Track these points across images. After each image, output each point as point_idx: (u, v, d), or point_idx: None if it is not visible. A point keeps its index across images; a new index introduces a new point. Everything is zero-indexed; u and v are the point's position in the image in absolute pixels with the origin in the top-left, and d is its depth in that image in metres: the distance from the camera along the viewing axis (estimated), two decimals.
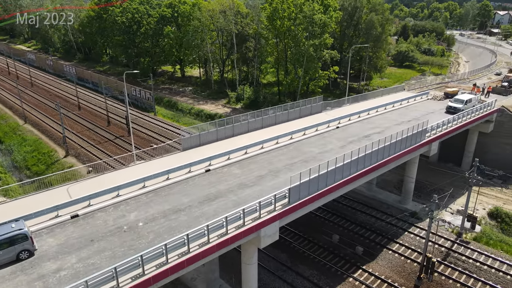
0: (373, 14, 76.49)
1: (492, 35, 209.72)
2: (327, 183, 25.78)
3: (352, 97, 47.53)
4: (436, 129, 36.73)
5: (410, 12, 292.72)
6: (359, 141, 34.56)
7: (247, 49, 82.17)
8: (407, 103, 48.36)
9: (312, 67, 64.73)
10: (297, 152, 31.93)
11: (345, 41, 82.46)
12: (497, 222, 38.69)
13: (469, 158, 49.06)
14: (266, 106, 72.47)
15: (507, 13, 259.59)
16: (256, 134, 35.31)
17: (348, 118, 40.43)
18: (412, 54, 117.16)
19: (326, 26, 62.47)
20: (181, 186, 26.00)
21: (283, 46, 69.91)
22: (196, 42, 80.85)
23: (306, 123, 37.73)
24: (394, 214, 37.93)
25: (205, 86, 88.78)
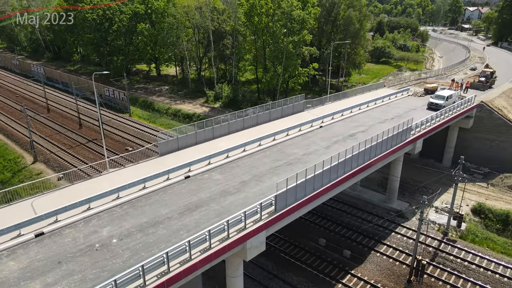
0: (351, 10, 76.05)
1: (463, 30, 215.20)
2: (315, 187, 24.53)
3: (333, 95, 46.60)
4: (420, 127, 36.17)
5: (384, 8, 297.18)
6: (344, 141, 33.54)
7: (224, 47, 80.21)
8: (388, 100, 47.85)
9: (292, 64, 63.55)
10: (281, 154, 30.54)
11: (323, 38, 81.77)
12: (480, 218, 38.63)
13: (450, 154, 49.16)
14: (245, 104, 71.16)
15: (476, 9, 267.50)
16: (237, 136, 33.70)
17: (331, 117, 39.39)
18: (388, 50, 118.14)
19: (305, 22, 61.38)
20: (159, 195, 24.12)
21: (262, 43, 68.36)
22: (172, 39, 78.23)
23: (288, 123, 36.42)
24: (380, 214, 37.26)
25: (182, 85, 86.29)
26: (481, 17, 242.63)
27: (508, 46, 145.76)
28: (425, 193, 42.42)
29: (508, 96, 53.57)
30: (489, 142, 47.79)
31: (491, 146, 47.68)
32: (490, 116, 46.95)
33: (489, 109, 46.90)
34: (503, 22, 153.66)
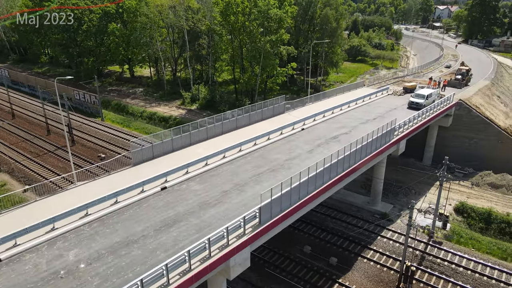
0: (328, 8, 75.48)
1: (435, 29, 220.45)
2: (300, 196, 23.19)
3: (314, 96, 45.55)
4: (403, 127, 35.53)
5: (358, 7, 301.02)
6: (327, 144, 32.43)
7: (200, 47, 78.07)
8: (369, 99, 47.24)
9: (270, 64, 62.22)
10: (263, 160, 29.07)
11: (300, 37, 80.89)
12: (463, 217, 38.45)
13: (430, 153, 49.10)
14: (223, 106, 69.37)
15: (446, 8, 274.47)
16: (216, 141, 32.00)
17: (313, 119, 38.26)
18: (364, 49, 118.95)
19: (282, 21, 60.13)
20: (133, 210, 22.16)
21: (238, 43, 66.69)
22: (145, 39, 75.45)
23: (269, 126, 35.01)
24: (365, 217, 36.43)
25: (157, 86, 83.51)
26: (450, 16, 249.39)
27: (478, 44, 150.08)
28: (408, 193, 42.06)
29: (484, 94, 54.14)
30: (467, 140, 48.00)
31: (470, 144, 47.91)
32: (468, 114, 47.12)
33: (468, 107, 47.07)
34: (472, 20, 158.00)
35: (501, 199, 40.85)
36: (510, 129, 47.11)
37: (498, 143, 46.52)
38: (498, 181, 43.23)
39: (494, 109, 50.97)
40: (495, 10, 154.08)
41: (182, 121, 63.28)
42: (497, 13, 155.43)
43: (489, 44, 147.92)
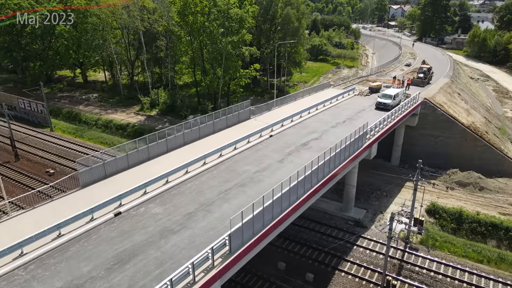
0: (289, 8, 74.09)
1: (390, 27, 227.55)
2: (274, 215, 20.89)
3: (280, 99, 43.53)
4: (374, 130, 34.24)
5: (316, 7, 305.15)
6: (298, 151, 30.41)
7: (158, 49, 74.15)
8: (336, 101, 45.94)
9: (232, 66, 59.67)
10: (230, 174, 26.51)
11: (262, 37, 79.01)
12: (435, 218, 37.91)
13: (398, 153, 48.67)
14: (184, 110, 65.97)
15: (399, 7, 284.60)
16: (178, 154, 29.03)
17: (280, 124, 36.17)
18: (325, 48, 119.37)
19: (243, 21, 57.78)
20: (79, 244, 18.87)
21: (198, 44, 63.59)
22: (97, 42, 70.44)
23: (235, 134, 32.50)
24: (339, 225, 34.85)
25: (113, 91, 78.40)
26: (404, 15, 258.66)
27: (431, 42, 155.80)
28: (380, 196, 41.10)
29: (446, 92, 54.66)
30: (433, 139, 47.99)
31: (436, 142, 47.93)
32: (433, 113, 47.07)
33: (433, 106, 47.01)
34: (425, 19, 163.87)
35: (470, 198, 40.86)
36: (473, 127, 47.58)
37: (463, 141, 46.81)
38: (465, 179, 43.32)
39: (456, 107, 51.47)
40: (446, 9, 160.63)
41: (141, 128, 59.40)
42: (448, 12, 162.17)
43: (441, 42, 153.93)
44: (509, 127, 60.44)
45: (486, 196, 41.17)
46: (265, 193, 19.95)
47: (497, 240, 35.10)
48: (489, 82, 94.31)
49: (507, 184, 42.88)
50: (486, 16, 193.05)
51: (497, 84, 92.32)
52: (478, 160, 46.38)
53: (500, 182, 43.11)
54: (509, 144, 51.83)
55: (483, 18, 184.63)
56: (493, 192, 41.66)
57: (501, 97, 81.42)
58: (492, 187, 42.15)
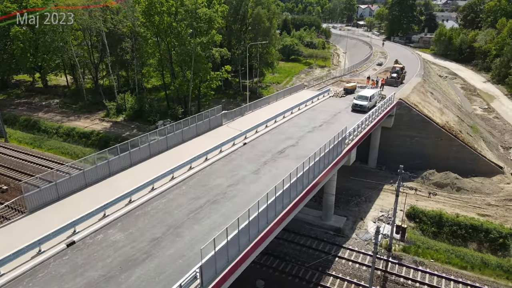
0: (260, 7, 72.21)
1: (359, 27, 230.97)
2: (250, 237, 18.76)
3: (253, 103, 41.42)
4: (353, 134, 32.75)
5: (286, 6, 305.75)
6: (275, 160, 28.42)
7: (123, 51, 70.37)
8: (311, 103, 44.38)
9: (202, 68, 57.07)
10: (201, 189, 24.13)
11: (233, 37, 76.75)
12: (415, 222, 36.98)
13: (375, 154, 47.80)
14: (153, 115, 62.71)
15: (367, 7, 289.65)
16: (143, 169, 26.34)
17: (255, 130, 34.06)
18: (297, 48, 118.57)
19: (212, 22, 55.29)
20: (23, 286, 15.98)
21: (166, 46, 60.58)
22: (57, 44, 65.91)
23: (206, 143, 30.12)
24: (319, 236, 33.16)
25: (77, 97, 73.84)
26: (372, 14, 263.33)
27: (399, 41, 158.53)
28: (359, 201, 39.81)
29: (419, 91, 54.39)
30: (409, 139, 47.38)
31: (412, 143, 47.35)
32: (409, 113, 46.44)
33: (408, 106, 46.36)
34: (393, 18, 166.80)
35: (448, 199, 40.30)
36: (448, 126, 47.33)
37: (438, 141, 46.43)
38: (442, 180, 42.84)
39: (430, 106, 51.19)
40: (412, 9, 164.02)
41: (107, 136, 55.81)
42: (414, 11, 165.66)
43: (409, 41, 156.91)
44: (480, 125, 61.12)
45: (463, 196, 40.76)
46: (240, 214, 17.75)
47: (478, 242, 34.52)
48: (457, 80, 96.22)
49: (483, 183, 42.74)
50: (449, 15, 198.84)
51: (464, 82, 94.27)
52: (453, 160, 46.17)
53: (476, 182, 42.90)
54: (482, 143, 52.10)
55: (447, 17, 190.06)
56: (470, 193, 41.34)
57: (469, 94, 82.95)
58: (469, 187, 41.84)
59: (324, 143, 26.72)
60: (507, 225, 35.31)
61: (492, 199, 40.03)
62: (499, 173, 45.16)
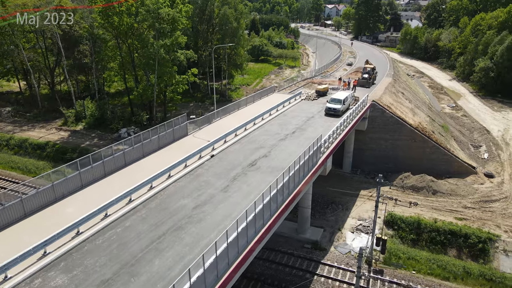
0: (226, 7, 69.53)
1: (327, 26, 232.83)
2: (219, 272, 16.19)
3: (222, 109, 38.71)
4: (328, 141, 30.80)
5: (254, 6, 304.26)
6: (245, 174, 25.95)
7: (81, 54, 65.67)
8: (283, 107, 42.26)
9: (167, 71, 53.75)
10: (163, 213, 21.29)
11: (199, 39, 73.66)
12: (394, 230, 35.66)
13: (349, 159, 46.36)
14: (116, 123, 58.71)
15: (334, 7, 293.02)
16: (94, 192, 23.12)
17: (223, 140, 31.42)
18: (266, 48, 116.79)
19: (176, 22, 52.14)
20: None
21: (127, 48, 56.83)
22: (6, 47, 60.49)
23: (170, 157, 27.24)
24: (295, 251, 31.02)
25: (31, 104, 68.30)
26: (339, 14, 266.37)
27: (367, 40, 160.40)
28: (335, 209, 38.10)
29: (391, 92, 53.59)
30: (383, 142, 46.28)
31: (386, 145, 46.27)
32: (382, 115, 45.30)
33: (381, 108, 45.21)
34: (359, 17, 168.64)
35: (425, 203, 39.31)
36: (421, 127, 46.61)
37: (412, 142, 45.58)
38: (418, 183, 41.89)
39: (402, 107, 50.43)
40: (378, 8, 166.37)
41: (64, 147, 51.51)
42: (380, 11, 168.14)
43: (376, 40, 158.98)
44: (450, 124, 61.30)
45: (440, 200, 39.93)
46: (206, 250, 15.14)
47: (457, 248, 33.55)
48: (424, 79, 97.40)
49: (458, 185, 42.16)
50: (413, 14, 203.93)
51: (431, 80, 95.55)
52: (427, 161, 45.48)
53: (451, 184, 42.25)
54: (453, 142, 51.91)
55: (411, 17, 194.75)
56: (446, 195, 40.58)
57: (437, 93, 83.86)
58: (445, 189, 41.09)
59: (298, 152, 24.63)
60: (484, 228, 34.60)
61: (468, 201, 39.41)
62: (472, 173, 44.85)
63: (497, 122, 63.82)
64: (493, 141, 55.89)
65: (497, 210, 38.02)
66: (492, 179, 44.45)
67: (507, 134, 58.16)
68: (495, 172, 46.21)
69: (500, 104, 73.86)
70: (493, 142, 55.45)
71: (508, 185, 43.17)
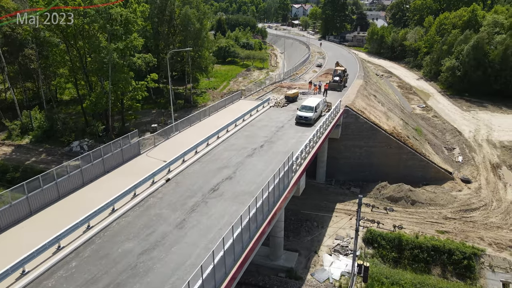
0: (187, 7, 65.07)
1: (294, 26, 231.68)
2: None
3: (180, 121, 34.37)
4: (301, 157, 27.34)
5: (220, 6, 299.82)
6: (206, 203, 22.00)
7: (27, 59, 59.25)
8: (250, 116, 38.56)
9: (122, 78, 48.82)
10: (98, 264, 16.98)
11: (160, 41, 68.74)
12: (374, 248, 32.84)
13: (323, 169, 43.38)
14: (68, 135, 53.07)
15: (301, 7, 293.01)
16: (11, 238, 18.44)
17: (181, 160, 27.29)
18: (233, 49, 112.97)
19: (131, 24, 47.31)
20: None
21: (78, 53, 51.34)
22: None
23: (116, 184, 22.89)
24: (268, 282, 27.36)
25: None
26: (306, 14, 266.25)
27: (334, 39, 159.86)
28: (310, 228, 34.87)
29: (363, 95, 51.17)
30: (358, 149, 43.64)
31: (361, 153, 43.66)
32: (356, 121, 42.62)
33: (355, 114, 42.51)
34: (326, 17, 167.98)
35: (404, 215, 36.87)
36: (396, 132, 44.34)
37: (388, 149, 43.20)
38: (396, 193, 39.43)
39: (376, 111, 48.07)
40: (344, 8, 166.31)
41: (5, 165, 45.62)
42: (346, 10, 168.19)
43: (343, 39, 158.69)
44: (423, 126, 59.87)
45: (419, 211, 37.60)
46: None
47: (441, 266, 31.20)
48: (392, 78, 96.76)
49: (436, 193, 40.06)
50: (378, 14, 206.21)
51: (400, 80, 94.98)
52: (404, 168, 43.28)
53: (429, 192, 40.09)
54: (428, 146, 50.16)
55: (376, 16, 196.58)
56: (425, 205, 38.32)
57: (406, 93, 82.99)
58: (423, 199, 38.84)
59: (267, 172, 21.39)
60: (468, 242, 32.42)
61: (448, 211, 37.30)
62: (449, 179, 43.03)
63: (467, 123, 63.09)
64: (465, 143, 54.73)
65: (479, 220, 36.10)
66: (470, 185, 42.78)
67: (479, 135, 57.28)
68: (471, 176, 44.63)
69: (469, 104, 73.64)
70: (466, 144, 54.27)
71: (486, 190, 41.60)
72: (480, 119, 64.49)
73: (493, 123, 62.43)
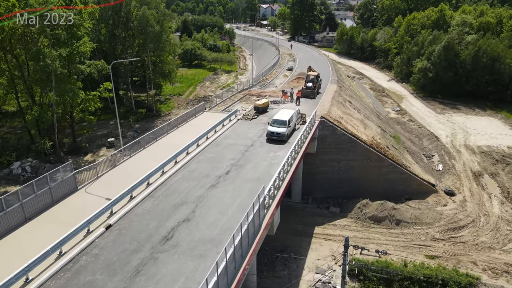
0: (145, 8, 59.34)
1: (263, 27, 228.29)
2: None
3: (132, 144, 29.02)
4: (274, 186, 22.83)
5: (187, 6, 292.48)
6: (155, 261, 17.09)
7: None
8: (214, 133, 33.77)
9: (68, 89, 42.70)
10: None
11: (118, 45, 62.64)
12: (359, 281, 28.95)
13: (298, 186, 39.21)
14: (8, 155, 46.33)
15: (269, 7, 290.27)
16: None
17: (128, 196, 22.17)
18: (200, 52, 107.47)
19: (76, 27, 41.34)
20: None
21: (15, 60, 44.72)
22: None
23: (39, 238, 17.56)
24: None
25: None
26: (274, 14, 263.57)
27: (303, 40, 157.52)
28: (286, 260, 30.58)
29: (338, 102, 47.57)
30: (336, 164, 39.88)
31: (339, 167, 39.94)
32: (334, 133, 38.83)
33: (332, 125, 38.70)
34: (295, 17, 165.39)
35: (390, 238, 33.32)
36: (375, 143, 40.95)
37: (368, 162, 39.72)
38: (379, 212, 35.90)
39: (353, 120, 44.58)
40: (312, 8, 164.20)
41: None
42: (314, 11, 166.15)
43: (313, 40, 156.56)
44: (399, 132, 57.19)
45: (405, 232, 34.18)
46: None
47: None
48: (364, 80, 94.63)
49: (421, 209, 36.86)
50: (346, 14, 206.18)
51: (372, 82, 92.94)
52: (384, 182, 39.96)
53: (413, 208, 36.86)
54: (407, 155, 47.23)
55: (344, 16, 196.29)
56: (411, 225, 34.97)
57: (379, 95, 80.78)
58: (408, 217, 35.49)
59: (234, 207, 17.20)
60: (461, 269, 29.22)
61: (435, 231, 34.10)
62: (433, 192, 40.09)
63: (443, 126, 61.15)
64: (444, 149, 52.40)
65: (468, 239, 33.10)
66: (454, 197, 40.01)
67: (456, 140, 55.24)
68: (454, 187, 41.92)
69: (442, 106, 72.15)
70: (444, 150, 51.91)
71: (471, 203, 38.90)
72: (455, 122, 62.77)
73: (468, 126, 60.84)
